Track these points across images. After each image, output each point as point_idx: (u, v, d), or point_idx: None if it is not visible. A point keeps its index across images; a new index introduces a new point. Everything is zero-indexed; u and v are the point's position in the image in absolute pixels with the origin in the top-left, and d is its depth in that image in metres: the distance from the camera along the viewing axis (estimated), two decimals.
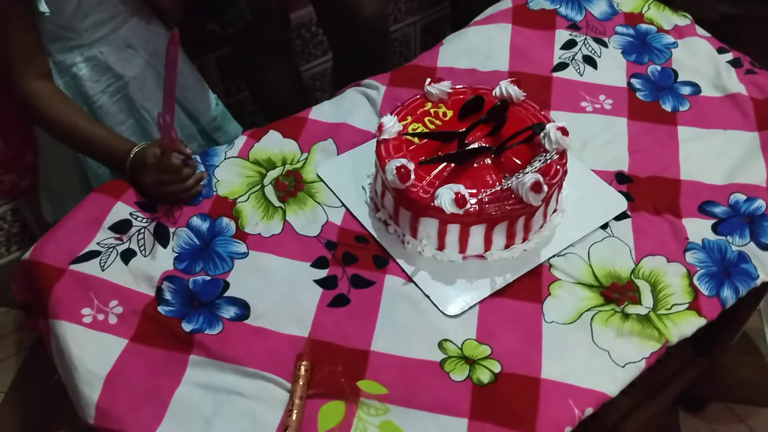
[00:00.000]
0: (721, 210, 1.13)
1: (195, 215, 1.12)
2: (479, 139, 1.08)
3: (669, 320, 1.00)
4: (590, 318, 1.00)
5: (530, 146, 1.08)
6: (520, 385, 0.93)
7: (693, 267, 1.06)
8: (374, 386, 0.93)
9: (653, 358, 0.97)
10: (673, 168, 1.19)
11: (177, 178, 1.09)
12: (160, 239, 1.09)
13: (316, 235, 1.11)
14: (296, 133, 1.26)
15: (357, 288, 1.04)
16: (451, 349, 0.97)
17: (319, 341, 0.98)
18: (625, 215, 1.13)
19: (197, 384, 0.94)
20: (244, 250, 1.08)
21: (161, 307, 1.01)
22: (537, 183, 0.99)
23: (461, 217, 1.00)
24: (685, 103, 1.30)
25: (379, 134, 1.10)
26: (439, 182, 1.04)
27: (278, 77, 1.80)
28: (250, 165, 1.20)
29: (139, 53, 1.30)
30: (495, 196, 1.02)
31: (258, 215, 1.13)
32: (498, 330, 0.99)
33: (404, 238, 1.09)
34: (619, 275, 1.05)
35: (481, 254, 1.07)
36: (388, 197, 1.08)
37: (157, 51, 1.32)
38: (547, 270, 1.06)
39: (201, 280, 1.04)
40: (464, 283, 1.05)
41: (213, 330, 0.98)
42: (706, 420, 1.66)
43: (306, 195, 1.17)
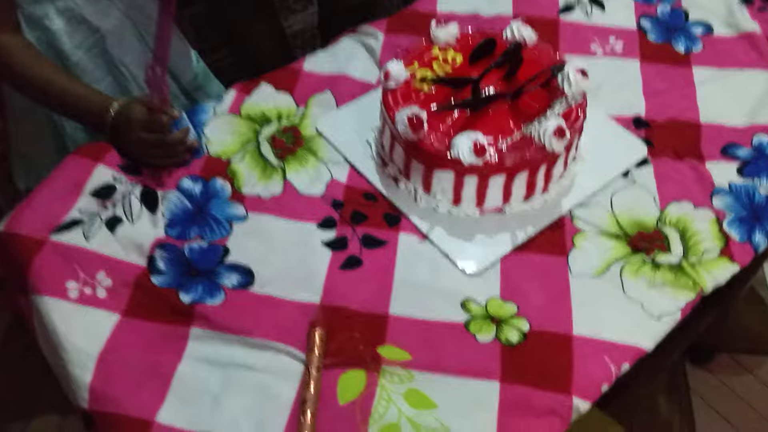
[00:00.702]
0: (745, 152, 1.08)
1: (185, 177, 1.03)
2: (494, 84, 1.00)
3: (702, 268, 0.94)
4: (619, 269, 0.94)
5: (548, 90, 1.00)
6: (552, 343, 0.87)
7: (721, 212, 1.00)
8: (396, 352, 0.86)
9: (688, 308, 0.91)
10: (691, 111, 1.13)
11: (165, 141, 0.99)
12: (147, 204, 1.00)
13: (320, 195, 1.02)
14: (290, 86, 1.16)
15: (369, 248, 0.96)
16: (475, 309, 0.90)
17: (332, 307, 0.90)
18: (645, 161, 1.06)
19: (201, 359, 0.86)
20: (243, 213, 1.00)
21: (155, 277, 0.92)
22: (560, 128, 0.92)
23: (480, 167, 0.92)
24: (698, 44, 1.24)
25: (386, 82, 1.01)
26: (454, 131, 0.96)
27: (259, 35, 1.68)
28: (242, 121, 1.11)
29: (115, 4, 1.18)
30: (515, 143, 0.94)
31: (255, 175, 1.04)
32: (523, 286, 0.93)
33: (417, 193, 1.01)
34: (645, 224, 0.99)
35: (499, 207, 1.00)
36: (398, 151, 1.00)
37: (134, 3, 1.21)
38: (570, 221, 1.00)
39: (197, 247, 0.95)
40: (483, 239, 0.98)
41: (214, 300, 0.90)
42: (712, 372, 1.63)
43: (306, 152, 1.08)
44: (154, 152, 1.01)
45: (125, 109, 1.00)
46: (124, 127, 1.00)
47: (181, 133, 1.01)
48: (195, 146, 1.05)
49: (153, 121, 0.97)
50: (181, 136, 1.01)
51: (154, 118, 0.97)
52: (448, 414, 0.81)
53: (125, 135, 1.00)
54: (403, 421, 0.80)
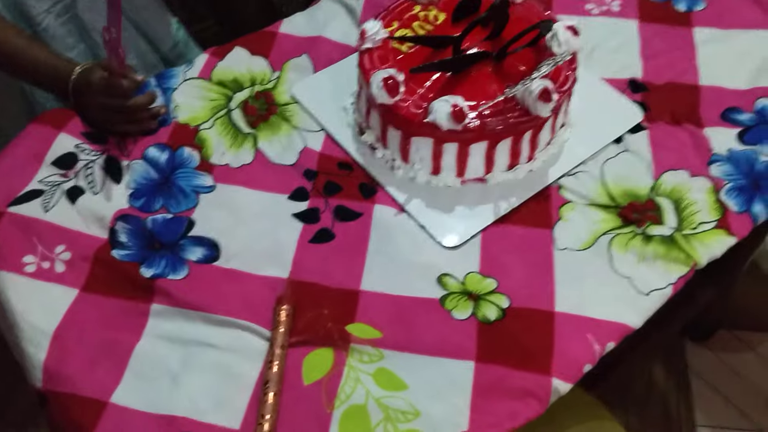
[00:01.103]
0: (747, 117, 1.01)
1: (152, 146, 0.98)
2: (477, 44, 0.94)
3: (696, 240, 0.88)
4: (608, 242, 0.88)
5: (535, 50, 0.94)
6: (532, 320, 0.82)
7: (719, 180, 0.94)
8: (366, 330, 0.81)
9: (680, 283, 0.86)
10: (691, 73, 1.06)
11: (126, 106, 0.94)
12: (111, 174, 0.95)
13: (292, 164, 0.97)
14: (266, 50, 1.10)
15: (342, 221, 0.91)
16: (451, 285, 0.85)
17: (301, 282, 0.85)
18: (640, 127, 1.00)
19: (161, 336, 0.81)
20: (211, 183, 0.95)
21: (116, 250, 0.87)
22: (546, 90, 0.86)
23: (459, 134, 0.86)
24: (700, 2, 1.16)
25: (361, 42, 0.95)
26: (433, 95, 0.90)
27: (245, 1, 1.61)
28: (213, 87, 1.05)
29: None
30: (498, 107, 0.88)
31: (225, 143, 0.99)
32: (504, 261, 0.87)
33: (394, 162, 0.95)
34: (638, 193, 0.93)
35: (481, 177, 0.94)
36: (374, 116, 0.94)
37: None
38: (557, 191, 0.94)
39: (161, 219, 0.90)
40: (464, 211, 0.92)
41: (177, 274, 0.85)
42: (712, 349, 1.58)
43: (280, 119, 1.02)
44: (117, 118, 0.96)
45: (85, 73, 0.94)
46: (85, 92, 0.94)
47: (145, 98, 0.96)
48: (162, 113, 0.99)
49: (113, 85, 0.92)
50: (144, 101, 0.95)
51: (114, 82, 0.92)
52: (419, 395, 0.76)
53: (87, 101, 0.95)
54: (370, 402, 0.76)
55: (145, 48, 1.28)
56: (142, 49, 1.27)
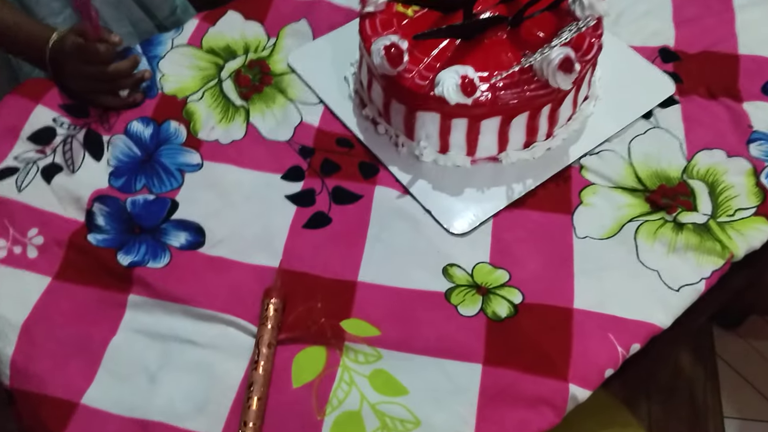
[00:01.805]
0: None
1: (135, 119, 0.90)
2: (491, 8, 0.85)
3: (733, 229, 0.79)
4: (634, 230, 0.80)
5: (556, 15, 0.84)
6: (547, 318, 0.74)
7: (760, 162, 0.84)
8: (363, 326, 0.74)
9: (715, 277, 0.77)
10: (729, 41, 0.96)
11: (105, 72, 0.86)
12: (91, 150, 0.87)
13: (287, 140, 0.89)
14: (261, 14, 1.01)
15: (340, 204, 0.83)
16: (459, 276, 0.77)
17: (293, 272, 0.78)
18: (672, 101, 0.90)
19: (139, 330, 0.74)
20: (198, 161, 0.87)
21: (92, 235, 0.80)
22: (567, 59, 0.76)
23: (469, 108, 0.78)
24: None
25: (363, 6, 0.86)
26: (441, 65, 0.81)
27: None
28: (203, 55, 0.97)
29: None
30: (512, 79, 0.79)
31: (215, 117, 0.91)
32: (517, 250, 0.79)
33: (398, 139, 0.87)
34: (669, 175, 0.84)
35: (494, 156, 0.85)
36: (376, 88, 0.86)
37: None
38: (578, 172, 0.85)
39: (142, 200, 0.83)
40: (473, 193, 0.84)
41: (157, 262, 0.78)
42: (742, 336, 1.49)
43: (274, 90, 0.94)
44: (97, 88, 0.88)
45: (61, 39, 0.86)
46: (61, 59, 0.87)
47: (126, 64, 0.87)
48: (146, 77, 0.90)
49: (89, 50, 0.84)
50: (125, 66, 0.87)
51: (89, 47, 0.84)
52: (419, 401, 0.69)
53: (65, 70, 0.87)
54: (365, 409, 0.68)
55: (139, 15, 1.20)
56: (135, 17, 1.19)
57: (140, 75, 0.90)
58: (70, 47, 0.85)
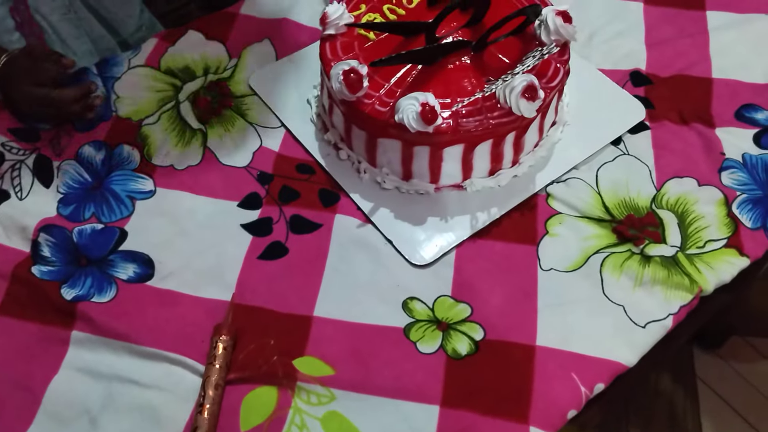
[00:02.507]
0: (765, 116, 0.89)
1: (87, 144, 0.87)
2: (454, 32, 0.82)
3: (702, 262, 0.77)
4: (600, 263, 0.77)
5: (522, 39, 0.81)
6: (509, 356, 0.71)
7: (731, 191, 0.82)
8: (317, 365, 0.70)
9: (683, 313, 0.74)
10: (702, 64, 0.94)
11: (51, 97, 0.82)
12: (40, 176, 0.84)
13: (246, 165, 0.86)
14: (224, 33, 0.98)
15: (298, 233, 0.80)
16: (419, 311, 0.74)
17: (245, 306, 0.74)
18: (643, 126, 0.88)
19: (81, 369, 0.71)
20: (150, 188, 0.83)
21: (37, 267, 0.77)
22: (531, 87, 0.74)
23: (431, 136, 0.75)
24: None
25: (323, 28, 0.83)
26: (402, 90, 0.78)
27: None
28: (161, 76, 0.94)
29: None
30: (475, 106, 0.76)
31: (170, 141, 0.87)
32: (480, 283, 0.76)
33: (360, 165, 0.84)
34: (637, 205, 0.81)
35: (458, 183, 0.82)
36: (337, 113, 0.83)
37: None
38: (544, 201, 0.82)
39: (89, 230, 0.79)
40: (437, 223, 0.81)
41: (103, 296, 0.75)
42: (723, 357, 1.46)
43: (234, 113, 0.90)
44: (43, 112, 0.84)
45: (11, 59, 0.83)
46: (10, 81, 0.83)
47: (75, 92, 0.84)
48: (96, 104, 0.87)
49: (37, 71, 0.81)
50: (74, 93, 0.84)
51: (39, 67, 0.81)
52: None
53: (12, 90, 0.84)
54: None
55: (101, 32, 1.17)
56: (96, 34, 1.15)
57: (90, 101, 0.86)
58: (20, 67, 0.81)
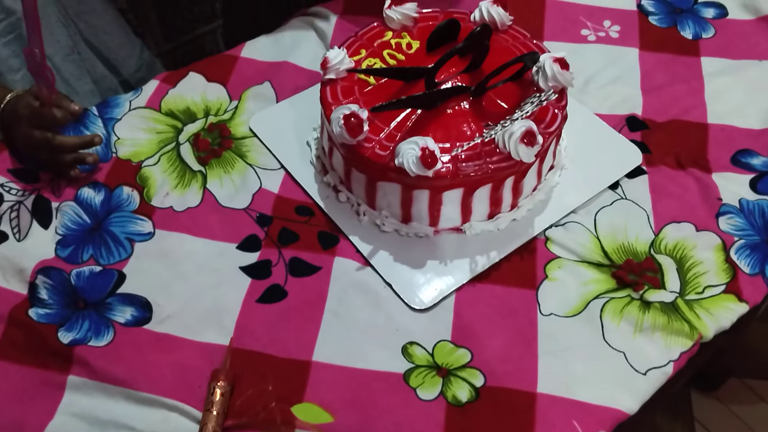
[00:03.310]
0: (761, 161, 0.89)
1: (87, 185, 0.87)
2: (453, 77, 0.83)
3: (701, 308, 0.77)
4: (600, 308, 0.77)
5: (520, 85, 0.82)
6: (510, 403, 0.70)
7: (729, 236, 0.82)
8: (315, 412, 0.70)
9: (683, 360, 0.74)
10: (698, 109, 0.95)
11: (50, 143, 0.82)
12: (39, 217, 0.84)
13: (245, 207, 0.86)
14: (224, 76, 0.99)
15: (297, 276, 0.80)
16: (418, 356, 0.74)
17: (244, 351, 0.74)
18: (640, 171, 0.88)
19: (77, 415, 0.70)
20: (149, 230, 0.83)
21: (34, 309, 0.76)
22: (529, 132, 0.74)
23: (431, 180, 0.75)
24: (710, 29, 1.05)
25: (324, 73, 0.84)
26: (401, 135, 0.78)
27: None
28: (162, 117, 0.94)
29: None
30: (474, 150, 0.77)
31: (170, 183, 0.88)
32: (480, 328, 0.76)
33: (359, 208, 0.84)
34: (636, 250, 0.82)
35: (457, 227, 0.83)
36: (337, 156, 0.83)
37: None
38: (543, 245, 0.82)
39: (88, 272, 0.79)
40: (436, 266, 0.81)
41: (100, 340, 0.74)
42: (721, 400, 1.45)
43: (234, 155, 0.91)
44: (37, 155, 0.84)
45: (15, 100, 0.83)
46: (13, 121, 0.83)
47: (76, 140, 0.84)
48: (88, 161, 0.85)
49: (42, 115, 0.81)
50: (73, 142, 0.83)
51: (44, 111, 0.81)
52: None
53: (14, 131, 0.84)
54: None
55: (103, 72, 1.18)
56: (98, 74, 1.16)
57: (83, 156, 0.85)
58: (24, 109, 0.81)
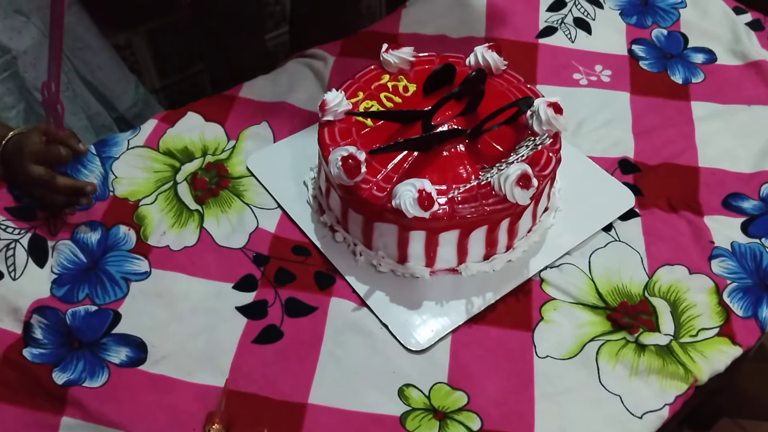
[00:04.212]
0: (752, 205, 0.91)
1: (83, 223, 0.87)
2: (449, 120, 0.84)
3: (696, 351, 0.77)
4: (596, 351, 0.77)
5: (514, 128, 0.84)
6: None
7: (722, 279, 0.83)
8: None
9: (678, 403, 0.74)
10: (689, 153, 0.97)
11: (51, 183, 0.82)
12: (35, 256, 0.84)
13: (242, 247, 0.86)
14: (222, 116, 1.00)
15: (293, 317, 0.80)
16: (415, 399, 0.73)
17: (239, 392, 0.73)
18: (633, 213, 0.90)
19: None
20: (146, 269, 0.83)
21: (29, 349, 0.76)
22: (524, 175, 0.75)
23: (427, 221, 0.76)
24: (699, 74, 1.07)
25: (322, 115, 0.85)
26: (398, 177, 0.79)
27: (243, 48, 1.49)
28: (160, 156, 0.95)
29: (32, 21, 1.04)
30: (471, 192, 0.78)
31: (167, 222, 0.88)
32: (476, 370, 0.76)
33: (356, 248, 0.84)
34: (630, 292, 0.82)
35: (453, 268, 0.83)
36: (334, 197, 0.84)
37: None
38: (539, 286, 0.83)
39: (83, 312, 0.79)
40: (432, 307, 0.81)
41: (95, 381, 0.73)
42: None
43: (231, 194, 0.91)
44: (37, 192, 0.84)
45: (18, 138, 0.84)
46: (15, 159, 0.83)
47: (72, 183, 0.84)
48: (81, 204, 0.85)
49: (48, 152, 0.81)
50: (69, 184, 0.83)
51: (49, 149, 0.81)
52: None
53: (15, 169, 0.84)
54: None
55: (98, 108, 1.19)
56: (92, 110, 1.18)
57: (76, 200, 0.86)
58: (32, 145, 0.81)
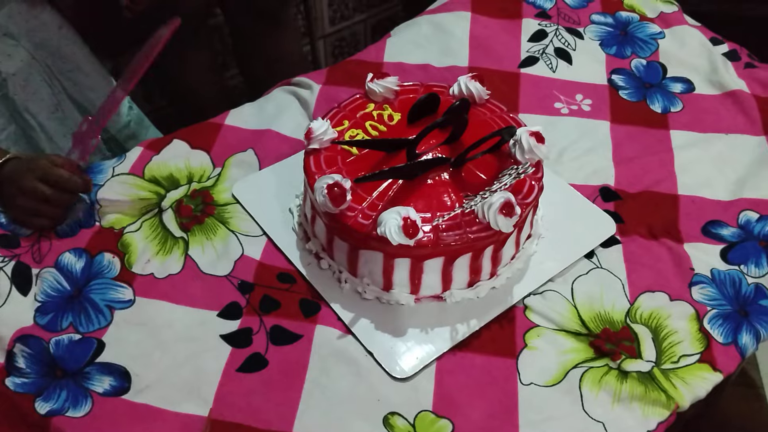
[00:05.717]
0: (731, 232, 0.92)
1: (68, 251, 0.87)
2: (434, 149, 0.85)
3: (677, 377, 0.78)
4: (579, 378, 0.78)
5: (497, 156, 0.85)
6: None
7: (702, 306, 0.84)
8: None
9: (660, 429, 0.75)
10: (668, 181, 0.98)
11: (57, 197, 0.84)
12: (18, 284, 0.83)
13: (227, 274, 0.86)
14: (208, 143, 1.01)
15: (278, 344, 0.80)
16: (400, 427, 0.73)
17: (223, 422, 0.73)
18: (614, 240, 0.91)
19: None
20: (129, 297, 0.83)
21: (11, 379, 0.75)
22: (508, 203, 0.76)
23: (412, 249, 0.77)
24: (678, 103, 1.09)
25: (308, 143, 0.86)
26: (384, 204, 0.80)
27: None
28: (145, 184, 0.95)
29: (21, 45, 1.05)
30: (455, 221, 0.78)
31: (152, 249, 0.88)
32: (461, 397, 0.76)
33: (341, 275, 0.85)
34: (612, 318, 0.83)
35: (438, 295, 0.84)
36: (319, 224, 0.85)
37: (44, 42, 1.09)
38: (522, 313, 0.84)
39: (66, 341, 0.78)
40: (417, 334, 0.81)
41: (77, 410, 0.73)
42: None
43: (216, 221, 0.92)
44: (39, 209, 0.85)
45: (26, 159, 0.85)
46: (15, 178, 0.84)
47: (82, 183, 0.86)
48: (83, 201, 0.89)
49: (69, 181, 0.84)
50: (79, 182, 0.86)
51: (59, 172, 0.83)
52: None
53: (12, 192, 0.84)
54: None
55: None
56: None
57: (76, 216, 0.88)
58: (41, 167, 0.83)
